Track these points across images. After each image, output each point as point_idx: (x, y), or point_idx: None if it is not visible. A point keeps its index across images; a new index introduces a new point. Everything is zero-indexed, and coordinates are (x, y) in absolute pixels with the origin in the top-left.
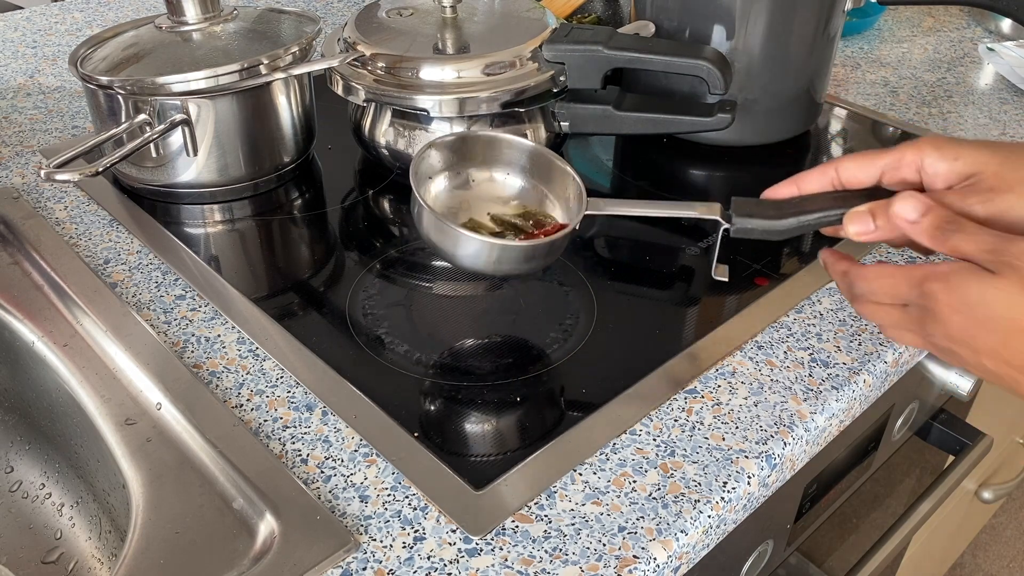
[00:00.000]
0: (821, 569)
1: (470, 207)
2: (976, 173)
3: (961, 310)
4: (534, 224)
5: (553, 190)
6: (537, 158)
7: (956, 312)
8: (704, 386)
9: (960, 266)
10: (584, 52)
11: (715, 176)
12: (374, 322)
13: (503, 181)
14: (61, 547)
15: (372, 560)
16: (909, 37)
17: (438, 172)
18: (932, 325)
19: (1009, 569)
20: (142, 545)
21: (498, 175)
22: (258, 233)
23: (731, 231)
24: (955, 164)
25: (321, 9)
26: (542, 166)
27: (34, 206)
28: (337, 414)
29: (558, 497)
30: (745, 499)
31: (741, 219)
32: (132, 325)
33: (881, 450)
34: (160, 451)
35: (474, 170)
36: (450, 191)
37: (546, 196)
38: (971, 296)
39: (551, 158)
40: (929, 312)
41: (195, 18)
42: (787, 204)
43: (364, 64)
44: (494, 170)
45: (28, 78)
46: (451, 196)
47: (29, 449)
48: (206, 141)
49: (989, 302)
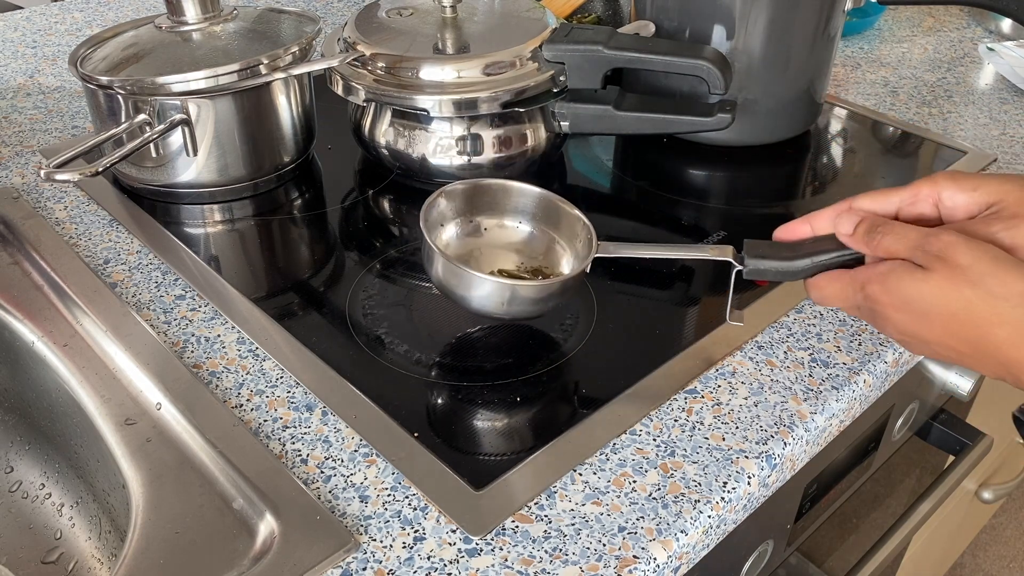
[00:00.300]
0: (821, 569)
1: (481, 254)
2: (998, 202)
3: (902, 308)
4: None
5: (562, 235)
6: (546, 204)
7: (898, 310)
8: (704, 386)
9: (894, 266)
10: (584, 52)
11: (715, 176)
12: (374, 322)
13: (513, 228)
14: (61, 547)
15: (372, 560)
16: (909, 37)
17: (449, 220)
18: (881, 322)
19: (1009, 569)
20: (142, 545)
21: (508, 222)
22: (258, 233)
23: (744, 274)
24: (974, 195)
25: (321, 9)
26: (551, 211)
27: (34, 206)
28: (337, 414)
29: (558, 497)
30: (745, 499)
31: (754, 260)
32: (132, 325)
33: (881, 450)
34: (160, 451)
35: (484, 218)
36: (461, 238)
37: (555, 241)
38: (907, 293)
39: (559, 203)
40: (875, 312)
41: (195, 18)
42: (800, 245)
43: (364, 64)
44: (504, 218)
45: (28, 78)
46: (462, 243)
47: (29, 449)
48: (206, 141)
49: (925, 296)
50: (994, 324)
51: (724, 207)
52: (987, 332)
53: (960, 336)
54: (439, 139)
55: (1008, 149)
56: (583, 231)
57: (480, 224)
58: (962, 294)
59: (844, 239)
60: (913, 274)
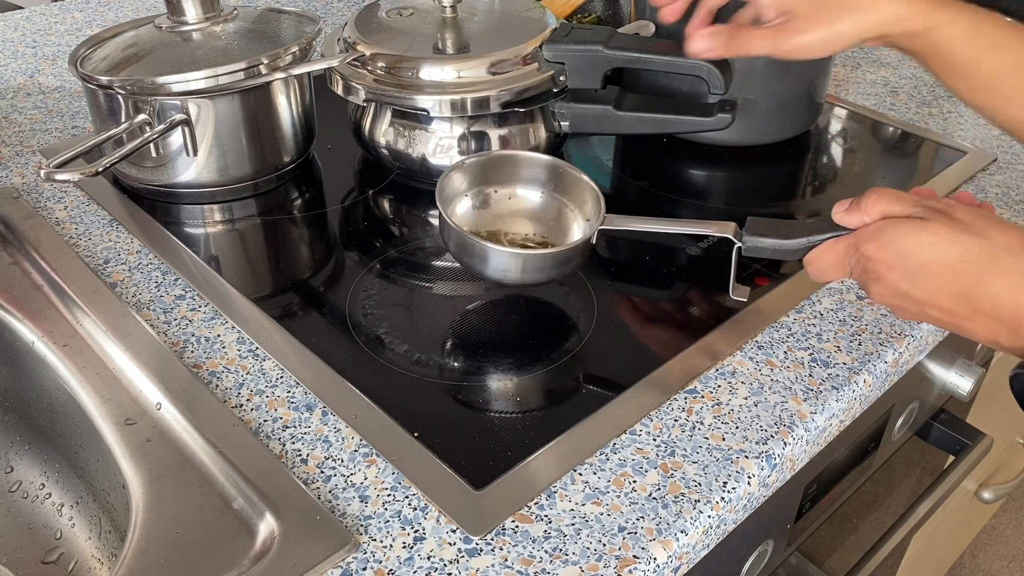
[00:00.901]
0: (821, 569)
1: (495, 224)
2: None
3: (895, 264)
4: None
5: (573, 200)
6: (555, 170)
7: (891, 268)
8: (704, 386)
9: (890, 221)
10: (584, 52)
11: (715, 176)
12: (374, 322)
13: (524, 196)
14: (61, 547)
15: (372, 560)
16: None
17: (462, 193)
18: (874, 286)
19: (1009, 569)
20: (142, 545)
21: (520, 191)
22: (258, 233)
23: (743, 250)
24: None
25: (321, 9)
26: (560, 178)
27: (34, 206)
28: (337, 414)
29: (558, 497)
30: (745, 499)
31: (752, 238)
32: (132, 325)
33: (881, 450)
34: (160, 451)
35: (497, 188)
36: (475, 210)
37: (566, 206)
38: (903, 245)
39: (568, 169)
40: (869, 273)
41: (195, 18)
42: (797, 225)
43: (364, 64)
44: (516, 187)
45: (28, 78)
46: (477, 215)
47: (29, 449)
48: (206, 141)
49: (922, 246)
50: (995, 272)
51: (724, 207)
52: (985, 282)
53: (954, 291)
54: (439, 139)
55: (1008, 149)
56: (591, 195)
57: (493, 195)
58: (959, 241)
59: (839, 216)
60: (910, 224)
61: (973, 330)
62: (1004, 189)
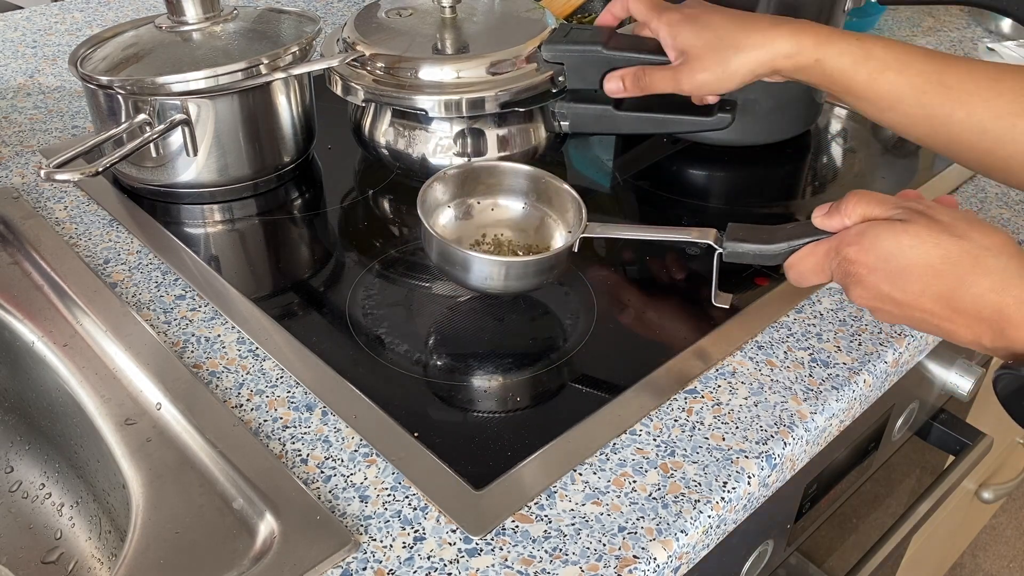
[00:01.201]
0: (821, 569)
1: (478, 233)
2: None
3: (877, 267)
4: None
5: (554, 209)
6: (537, 181)
7: (872, 271)
8: (704, 386)
9: (871, 223)
10: (583, 52)
11: (715, 176)
12: (374, 322)
13: (507, 206)
14: (61, 547)
15: (372, 560)
16: (909, 37)
17: (444, 204)
18: (856, 289)
19: (1009, 569)
20: (142, 545)
21: (502, 201)
22: (258, 233)
23: (724, 255)
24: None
25: (321, 9)
26: (542, 187)
27: (34, 206)
28: (337, 414)
29: (558, 497)
30: (745, 499)
31: (733, 244)
32: (132, 325)
33: (881, 450)
34: (160, 451)
35: (479, 199)
36: (458, 220)
37: (547, 215)
38: (884, 248)
39: (549, 179)
40: (850, 276)
41: (195, 18)
42: (778, 230)
43: (363, 64)
44: (498, 197)
45: (28, 78)
46: (459, 225)
47: (29, 449)
48: (206, 141)
49: (904, 249)
50: (977, 274)
51: (724, 207)
52: (967, 283)
53: (936, 292)
54: (439, 139)
55: None
56: (572, 204)
57: (475, 205)
58: (940, 242)
59: (819, 220)
60: (891, 227)
61: (955, 332)
62: (1004, 189)
